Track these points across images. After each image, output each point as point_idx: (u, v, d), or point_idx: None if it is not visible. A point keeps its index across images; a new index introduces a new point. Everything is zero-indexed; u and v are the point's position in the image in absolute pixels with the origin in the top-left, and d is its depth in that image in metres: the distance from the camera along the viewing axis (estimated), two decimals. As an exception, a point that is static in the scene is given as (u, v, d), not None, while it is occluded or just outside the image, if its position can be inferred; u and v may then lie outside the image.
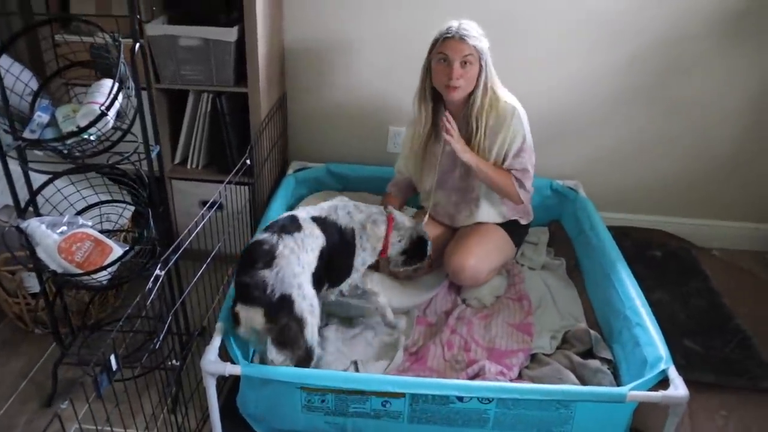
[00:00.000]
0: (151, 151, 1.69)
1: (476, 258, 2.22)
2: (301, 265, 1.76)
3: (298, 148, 2.89)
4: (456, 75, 2.05)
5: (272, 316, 1.69)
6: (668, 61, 2.59)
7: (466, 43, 2.03)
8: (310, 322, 1.74)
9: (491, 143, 2.16)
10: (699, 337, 2.24)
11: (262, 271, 1.70)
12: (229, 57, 2.24)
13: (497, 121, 2.14)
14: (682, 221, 2.92)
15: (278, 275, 1.70)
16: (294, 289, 1.71)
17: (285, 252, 1.74)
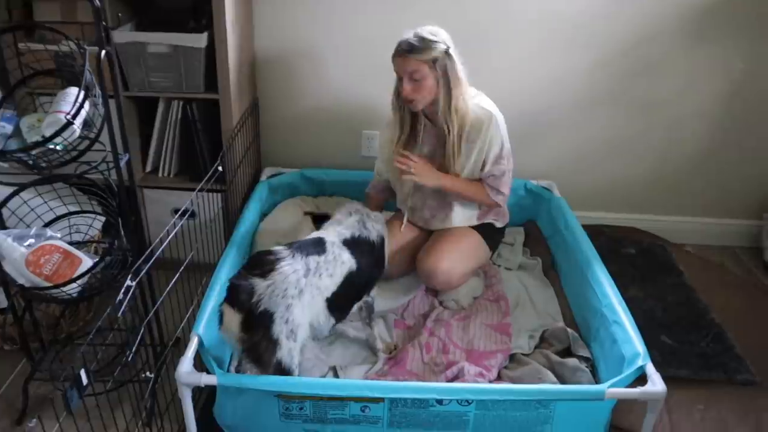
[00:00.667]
0: (120, 159, 1.66)
1: (449, 261, 2.21)
2: (299, 289, 1.69)
3: (271, 154, 2.87)
4: (405, 92, 2.04)
5: (249, 327, 1.64)
6: (637, 61, 2.63)
7: (410, 60, 1.99)
8: (286, 345, 1.67)
9: (469, 150, 2.15)
10: (675, 333, 2.26)
11: (255, 278, 1.66)
12: (199, 63, 2.21)
13: (474, 128, 2.12)
14: (655, 218, 2.96)
15: (268, 288, 1.64)
16: (280, 308, 1.64)
17: (286, 270, 1.68)
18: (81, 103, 1.50)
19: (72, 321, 2.23)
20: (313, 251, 1.78)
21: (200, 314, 1.82)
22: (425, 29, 2.01)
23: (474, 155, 2.16)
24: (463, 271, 2.28)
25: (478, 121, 2.12)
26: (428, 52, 1.98)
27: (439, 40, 1.99)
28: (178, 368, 1.63)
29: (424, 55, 1.98)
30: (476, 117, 2.12)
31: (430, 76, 2.01)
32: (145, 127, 2.47)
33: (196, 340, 1.73)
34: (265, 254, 1.74)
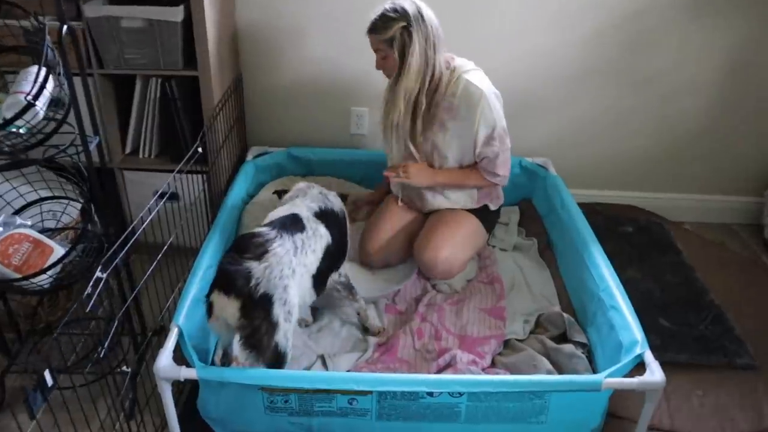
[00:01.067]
0: (90, 142, 1.56)
1: (448, 250, 2.14)
2: (292, 269, 1.65)
3: (257, 133, 2.77)
4: (377, 66, 2.04)
5: (248, 312, 1.56)
6: (633, 34, 2.53)
7: (372, 38, 1.99)
8: (284, 327, 1.62)
9: (458, 129, 2.06)
10: (673, 315, 2.20)
11: (249, 261, 1.58)
12: (176, 38, 2.09)
13: (463, 105, 2.03)
14: (653, 195, 2.89)
15: (266, 271, 1.58)
16: (278, 290, 1.59)
17: (279, 251, 1.63)
18: (42, 82, 1.40)
19: (51, 310, 2.14)
20: (295, 229, 1.74)
21: (181, 304, 1.74)
22: (392, 4, 1.95)
23: (463, 132, 2.07)
24: (463, 258, 2.21)
25: (468, 98, 2.02)
26: (384, 31, 1.94)
27: (398, 17, 1.92)
28: (157, 362, 1.56)
29: (380, 34, 1.95)
30: (465, 92, 2.02)
31: (391, 54, 1.97)
32: (124, 106, 2.36)
33: (176, 332, 1.65)
34: (251, 237, 1.67)
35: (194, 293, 1.79)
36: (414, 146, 2.13)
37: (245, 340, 1.59)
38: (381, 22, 1.94)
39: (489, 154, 2.09)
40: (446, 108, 2.05)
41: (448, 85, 2.04)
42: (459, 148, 2.11)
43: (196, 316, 1.76)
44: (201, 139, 2.03)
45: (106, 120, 2.29)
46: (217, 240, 2.03)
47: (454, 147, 2.10)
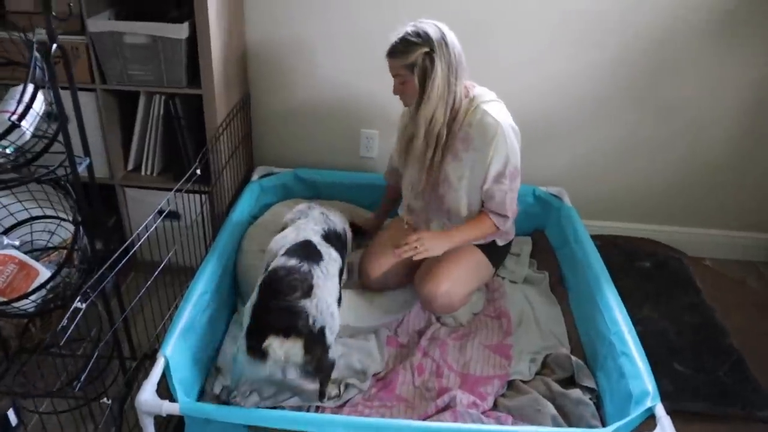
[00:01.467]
0: (79, 164, 1.50)
1: (449, 283, 2.03)
2: (331, 293, 1.71)
3: (264, 153, 2.71)
4: (394, 91, 1.95)
5: (311, 348, 1.58)
6: (657, 61, 2.42)
7: (392, 63, 1.88)
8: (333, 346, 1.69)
9: (471, 159, 1.96)
10: (689, 359, 2.09)
11: (302, 300, 1.60)
12: (180, 56, 2.04)
13: (478, 136, 1.92)
14: (673, 229, 2.77)
15: (318, 307, 1.61)
16: (328, 319, 1.64)
17: (320, 282, 1.67)
18: (29, 101, 1.34)
19: (43, 327, 2.09)
20: (316, 258, 1.76)
21: (169, 333, 1.67)
22: (414, 27, 1.84)
23: (475, 165, 1.96)
24: (464, 293, 2.11)
25: (484, 130, 1.91)
26: (406, 56, 1.83)
27: (421, 42, 1.81)
28: (139, 394, 1.50)
29: (401, 59, 1.84)
30: (482, 124, 1.92)
31: (411, 79, 1.87)
32: (128, 122, 2.31)
33: (162, 363, 1.58)
34: (286, 274, 1.66)
35: (185, 322, 1.73)
36: (425, 176, 2.04)
37: (310, 372, 1.63)
38: (402, 46, 1.84)
39: (497, 194, 1.97)
40: (462, 138, 1.95)
41: (466, 115, 1.94)
42: (470, 181, 2.00)
43: (185, 346, 1.70)
44: (200, 161, 1.96)
45: (109, 136, 2.24)
46: (213, 265, 1.96)
47: (466, 180, 2.00)
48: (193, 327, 1.78)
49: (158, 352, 1.61)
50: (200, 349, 1.83)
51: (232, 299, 2.15)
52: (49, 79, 1.36)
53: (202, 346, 1.85)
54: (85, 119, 2.15)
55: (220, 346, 1.99)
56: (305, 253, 1.75)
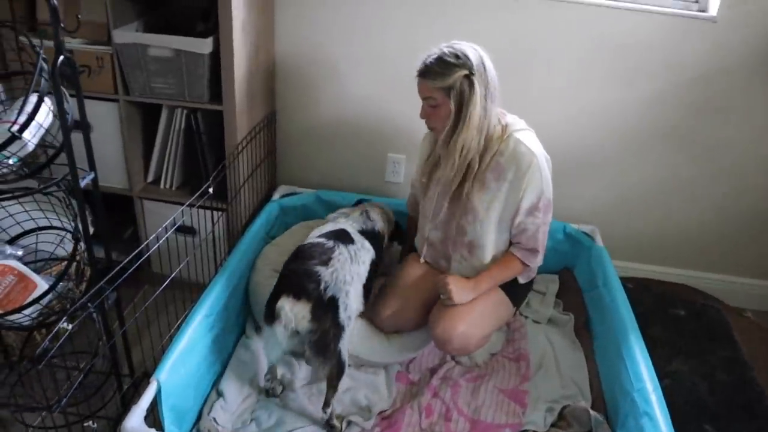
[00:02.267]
0: (82, 178, 1.46)
1: (466, 324, 1.90)
2: (352, 275, 1.74)
3: (287, 172, 2.65)
4: (422, 113, 1.83)
5: (318, 315, 1.63)
6: (703, 98, 2.29)
7: (425, 84, 1.75)
8: (346, 334, 1.70)
9: (498, 189, 1.86)
10: (721, 422, 1.93)
11: (318, 266, 1.68)
12: (203, 71, 2.01)
13: (510, 165, 1.83)
14: (711, 277, 2.61)
15: (333, 275, 1.68)
16: (342, 294, 1.68)
17: (341, 258, 1.74)
18: (32, 112, 1.31)
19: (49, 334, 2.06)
20: (347, 241, 1.82)
21: (166, 356, 1.61)
22: (452, 48, 1.73)
23: (503, 196, 1.86)
24: (481, 335, 1.98)
25: (518, 160, 1.81)
26: (443, 78, 1.71)
27: (460, 64, 1.70)
28: (126, 421, 1.43)
29: (437, 80, 1.72)
30: (515, 154, 1.81)
31: (446, 104, 1.75)
32: (149, 134, 2.29)
33: (154, 387, 1.52)
34: (310, 246, 1.77)
35: (184, 345, 1.66)
36: (449, 205, 1.95)
37: (315, 344, 1.65)
38: (439, 66, 1.72)
39: (530, 227, 1.88)
40: (492, 168, 1.85)
41: (499, 143, 1.84)
42: (497, 213, 1.90)
43: (182, 371, 1.63)
44: (214, 179, 1.91)
45: (130, 147, 2.22)
46: (220, 286, 1.90)
47: (492, 211, 1.90)
48: (194, 350, 1.72)
49: (151, 377, 1.55)
50: (200, 374, 1.77)
51: (240, 321, 2.08)
52: (54, 89, 1.32)
53: (203, 371, 1.79)
54: (107, 130, 2.18)
55: (224, 370, 1.93)
56: (336, 235, 1.83)
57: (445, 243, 2.04)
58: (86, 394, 1.80)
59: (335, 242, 1.77)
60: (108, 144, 2.19)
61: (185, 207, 1.83)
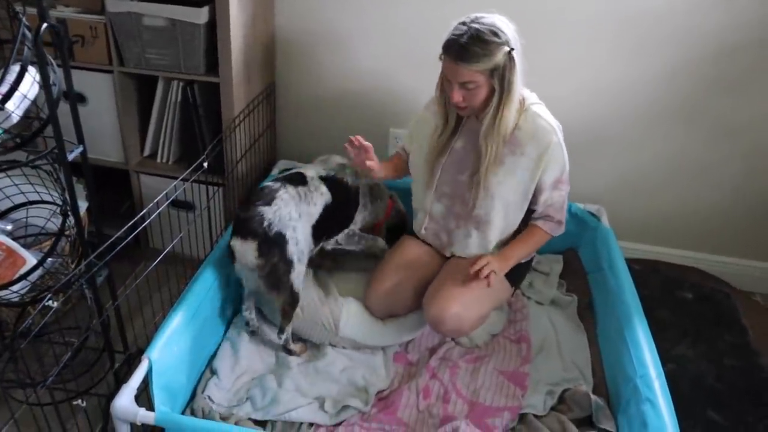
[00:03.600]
0: (70, 151, 1.41)
1: (459, 306, 1.84)
2: (299, 213, 1.82)
3: (287, 146, 2.60)
4: (455, 98, 1.69)
5: (265, 251, 1.74)
6: (718, 74, 2.20)
7: (464, 68, 1.62)
8: (298, 268, 1.80)
9: (515, 163, 1.79)
10: (726, 407, 1.88)
11: (261, 207, 1.76)
12: (198, 41, 1.95)
13: (529, 140, 1.76)
14: (721, 260, 2.54)
15: (276, 213, 1.76)
16: (289, 230, 1.77)
17: (285, 196, 1.81)
18: (14, 82, 1.26)
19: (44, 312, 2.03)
20: (297, 183, 1.88)
21: (158, 333, 1.58)
22: (486, 24, 1.61)
23: (519, 171, 1.79)
24: (477, 315, 1.92)
25: (537, 135, 1.75)
26: (488, 59, 1.60)
27: (502, 41, 1.60)
28: (115, 399, 1.41)
29: (482, 63, 1.60)
30: (536, 129, 1.75)
31: (485, 85, 1.65)
32: (146, 107, 2.24)
33: (146, 366, 1.49)
34: (258, 190, 1.85)
35: (177, 323, 1.63)
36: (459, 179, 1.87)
37: (266, 280, 1.78)
38: (480, 48, 1.58)
39: (557, 200, 1.84)
40: (509, 141, 1.77)
41: (518, 117, 1.76)
42: (511, 188, 1.83)
43: (173, 349, 1.60)
44: (209, 153, 1.87)
45: (125, 119, 2.18)
46: (215, 264, 1.86)
47: (505, 186, 1.82)
48: (188, 328, 1.69)
49: (144, 353, 1.53)
50: (194, 352, 1.74)
51: (236, 299, 2.05)
52: (38, 59, 1.27)
53: (197, 349, 1.76)
54: (102, 102, 2.14)
55: (218, 348, 1.90)
56: (288, 177, 1.90)
57: (448, 217, 1.97)
58: (80, 371, 1.79)
59: (282, 183, 1.84)
60: (103, 116, 2.15)
61: (178, 181, 1.79)
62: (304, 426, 1.73)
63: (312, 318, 1.94)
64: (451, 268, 1.97)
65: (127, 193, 2.34)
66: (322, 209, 1.91)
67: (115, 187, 2.36)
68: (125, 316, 1.85)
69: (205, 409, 1.69)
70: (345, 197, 2.01)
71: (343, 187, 2.00)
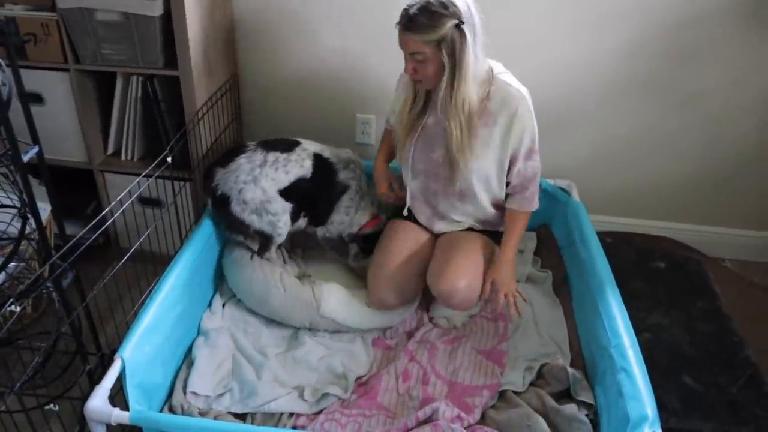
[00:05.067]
0: (25, 153, 1.37)
1: (467, 278, 1.87)
2: (253, 177, 1.91)
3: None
4: (408, 69, 1.69)
5: (218, 206, 1.96)
6: (679, 46, 2.21)
7: (411, 38, 1.62)
8: (257, 221, 1.96)
9: (489, 134, 1.78)
10: (702, 373, 1.91)
11: (217, 167, 1.95)
12: (155, 34, 1.90)
13: (500, 108, 1.75)
14: (691, 228, 2.57)
15: (225, 175, 1.92)
16: (233, 192, 1.92)
17: (242, 161, 1.93)
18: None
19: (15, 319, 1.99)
20: (279, 148, 1.98)
21: (130, 333, 1.56)
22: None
23: (494, 143, 1.78)
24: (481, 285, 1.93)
25: (507, 104, 1.74)
26: (433, 30, 1.59)
27: (449, 14, 1.59)
28: (89, 401, 1.39)
29: (427, 33, 1.60)
30: (506, 97, 1.74)
31: (434, 58, 1.64)
32: (106, 105, 2.19)
33: (118, 365, 1.47)
34: (236, 147, 2.00)
35: (150, 320, 1.61)
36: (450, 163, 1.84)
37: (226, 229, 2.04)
38: (427, 18, 1.58)
39: (529, 170, 1.84)
40: (480, 113, 1.76)
41: (487, 87, 1.76)
42: (487, 159, 1.82)
43: (146, 348, 1.58)
44: (172, 148, 1.83)
45: (86, 118, 2.13)
46: (185, 259, 1.84)
47: (483, 159, 1.81)
48: (160, 325, 1.67)
49: (115, 354, 1.50)
50: (168, 349, 1.72)
51: (208, 294, 2.03)
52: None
53: (171, 346, 1.75)
54: (60, 101, 2.09)
55: (192, 344, 1.88)
56: (273, 142, 2.01)
57: (427, 193, 1.97)
58: (53, 376, 1.76)
59: (257, 147, 1.97)
60: (62, 116, 2.10)
61: (141, 178, 1.75)
62: (284, 416, 1.72)
63: (294, 294, 1.94)
64: (447, 244, 1.98)
65: (93, 193, 2.30)
66: (294, 179, 1.97)
67: (80, 187, 2.32)
68: (97, 318, 1.82)
69: (184, 406, 1.67)
70: (325, 184, 2.04)
71: (330, 175, 2.04)
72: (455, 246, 1.95)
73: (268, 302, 1.95)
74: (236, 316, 2.01)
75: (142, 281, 1.86)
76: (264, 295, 1.95)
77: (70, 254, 1.49)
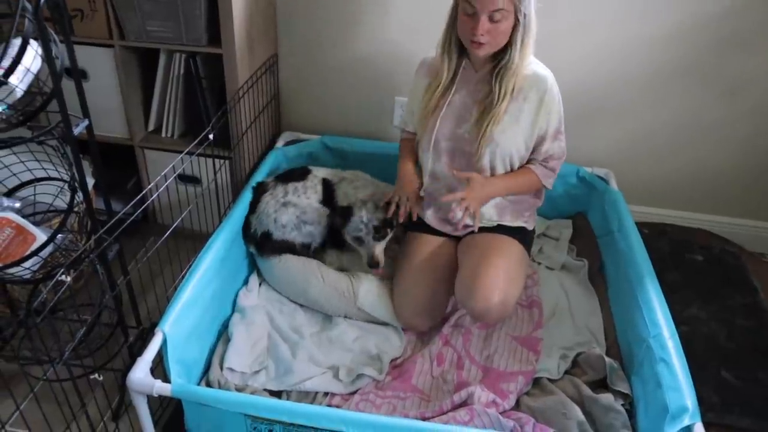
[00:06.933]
0: (75, 126, 1.39)
1: (501, 292, 1.77)
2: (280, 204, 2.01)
3: (291, 117, 2.57)
4: (481, 30, 1.62)
5: (262, 250, 2.01)
6: (726, 32, 2.16)
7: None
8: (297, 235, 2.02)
9: (518, 112, 1.77)
10: (739, 368, 1.88)
11: (248, 218, 2.04)
12: (200, 12, 1.91)
13: (530, 87, 1.75)
14: (730, 221, 2.53)
15: (257, 219, 2.01)
16: (270, 225, 2.00)
17: (266, 198, 2.04)
18: (16, 56, 1.24)
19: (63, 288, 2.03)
20: (295, 179, 2.09)
21: (170, 306, 1.57)
22: None
23: (521, 121, 1.77)
24: (517, 294, 1.85)
25: (537, 83, 1.74)
26: None
27: None
28: (131, 372, 1.41)
29: None
30: (535, 76, 1.75)
31: (509, 20, 1.63)
32: (149, 81, 2.21)
33: (159, 339, 1.50)
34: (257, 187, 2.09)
35: (189, 295, 1.63)
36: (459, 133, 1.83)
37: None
38: None
39: (556, 151, 1.85)
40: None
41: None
42: (514, 136, 1.80)
43: (185, 323, 1.60)
44: (214, 125, 1.85)
45: (129, 94, 2.15)
46: (222, 237, 1.85)
47: (509, 134, 1.79)
48: (198, 301, 1.69)
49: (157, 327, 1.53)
50: (205, 325, 1.75)
51: (243, 271, 2.05)
52: (39, 31, 1.24)
53: (207, 321, 1.77)
54: (104, 77, 2.11)
55: (227, 321, 1.90)
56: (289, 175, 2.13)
57: (447, 178, 1.92)
58: (95, 347, 1.79)
59: (276, 183, 2.08)
60: (106, 92, 2.13)
61: (184, 155, 1.77)
62: (319, 395, 1.74)
63: (332, 284, 1.95)
64: (469, 250, 1.93)
65: (132, 169, 2.33)
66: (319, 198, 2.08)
67: (120, 163, 2.35)
68: (137, 291, 1.85)
69: (221, 381, 1.70)
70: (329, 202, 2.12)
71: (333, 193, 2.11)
72: (482, 255, 1.86)
73: (307, 291, 1.96)
74: (272, 296, 2.03)
75: (178, 257, 1.88)
76: (303, 285, 1.96)
77: (114, 228, 1.51)
